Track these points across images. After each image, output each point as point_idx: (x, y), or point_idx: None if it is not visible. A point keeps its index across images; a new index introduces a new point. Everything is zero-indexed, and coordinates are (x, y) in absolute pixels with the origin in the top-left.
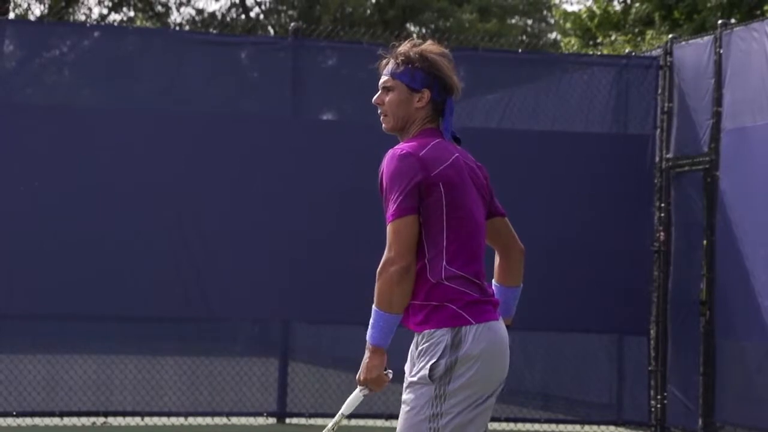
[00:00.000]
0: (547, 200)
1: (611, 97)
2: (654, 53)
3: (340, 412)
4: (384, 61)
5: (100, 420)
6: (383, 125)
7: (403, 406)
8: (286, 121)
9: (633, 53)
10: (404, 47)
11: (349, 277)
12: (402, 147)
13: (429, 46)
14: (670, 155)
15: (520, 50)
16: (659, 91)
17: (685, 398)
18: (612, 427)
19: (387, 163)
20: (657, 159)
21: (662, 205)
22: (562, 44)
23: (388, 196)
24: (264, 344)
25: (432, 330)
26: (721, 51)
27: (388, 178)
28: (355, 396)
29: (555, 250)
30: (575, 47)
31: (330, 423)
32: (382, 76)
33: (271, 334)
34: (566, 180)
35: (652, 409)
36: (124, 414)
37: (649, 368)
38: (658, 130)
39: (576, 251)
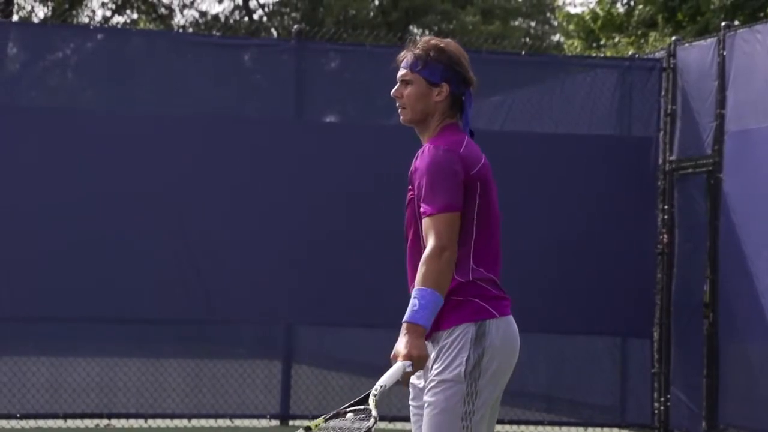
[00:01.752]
0: (551, 202)
1: (614, 99)
2: (657, 55)
3: (381, 384)
4: (402, 55)
5: (104, 422)
6: (401, 117)
7: (428, 408)
8: (289, 123)
9: (636, 55)
10: (423, 41)
11: (352, 280)
12: (440, 142)
13: (446, 41)
14: (673, 157)
15: (523, 52)
16: (662, 93)
17: (688, 400)
18: (615, 430)
19: (428, 156)
20: (660, 161)
21: (665, 207)
22: (565, 46)
23: (432, 188)
24: (267, 346)
25: (455, 326)
26: (725, 53)
27: (432, 170)
28: (398, 368)
29: (558, 252)
30: (578, 49)
31: (370, 395)
32: (401, 69)
33: (274, 336)
34: (569, 182)
35: (656, 412)
36: (127, 416)
37: (653, 370)
38: (662, 133)
39: (579, 253)
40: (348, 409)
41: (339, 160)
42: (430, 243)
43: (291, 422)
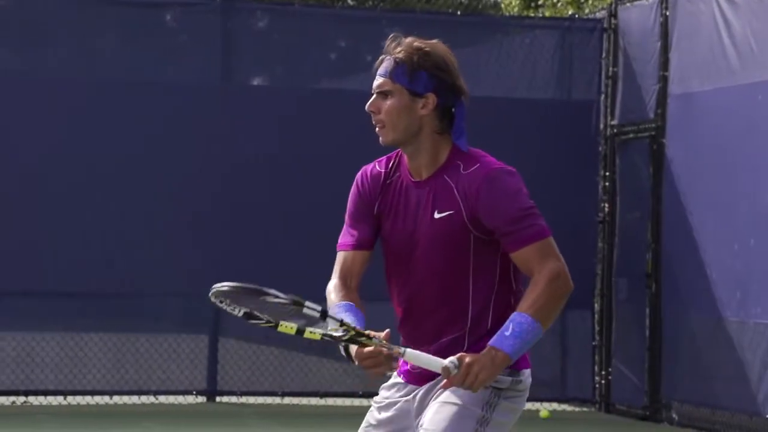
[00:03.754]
0: None
1: (554, 62)
2: (598, 15)
3: (406, 350)
4: (379, 61)
5: (20, 399)
6: (381, 138)
7: (447, 405)
8: (215, 87)
9: (576, 15)
10: (404, 44)
11: (276, 247)
12: (497, 163)
13: (431, 42)
14: (615, 122)
15: (458, 12)
16: (604, 54)
17: (631, 374)
18: (555, 404)
19: (502, 181)
20: (602, 126)
21: (607, 173)
22: (502, 6)
23: (525, 212)
24: (193, 320)
25: (520, 370)
26: (668, 13)
27: (517, 196)
28: (437, 362)
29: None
30: (516, 9)
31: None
32: (377, 78)
33: (200, 309)
34: (507, 148)
35: (597, 386)
36: (45, 393)
37: (593, 343)
38: (603, 96)
39: None
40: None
41: (266, 125)
42: (552, 265)
43: (218, 398)
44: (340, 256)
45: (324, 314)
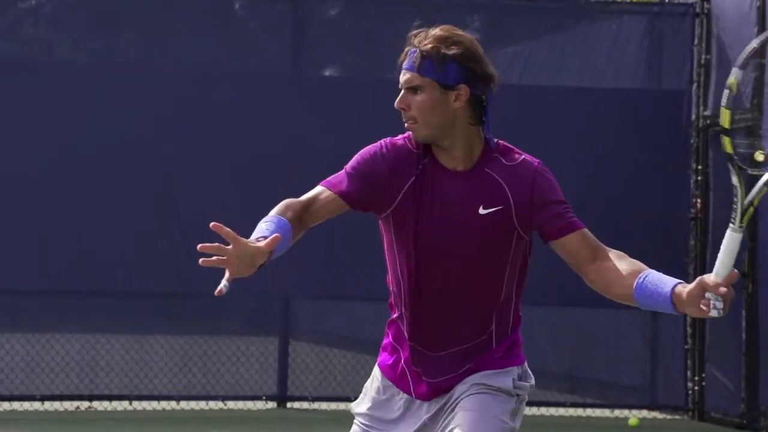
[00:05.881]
0: (572, 164)
1: (643, 49)
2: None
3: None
4: (403, 54)
5: (85, 404)
6: (413, 134)
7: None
8: (284, 77)
9: (666, 0)
10: (430, 36)
11: (354, 250)
12: (533, 158)
13: (456, 32)
14: (707, 112)
15: None
16: (696, 41)
17: (725, 380)
18: (645, 412)
19: (549, 174)
20: (693, 117)
21: (699, 167)
22: None
23: (565, 206)
24: (262, 322)
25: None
26: None
27: (557, 190)
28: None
29: (580, 219)
30: None
31: None
32: (404, 72)
33: (271, 310)
34: (593, 141)
35: (689, 392)
36: (110, 398)
37: (686, 347)
38: (695, 85)
39: (603, 219)
40: None
41: (339, 117)
42: (602, 247)
43: (289, 404)
44: (317, 190)
45: None
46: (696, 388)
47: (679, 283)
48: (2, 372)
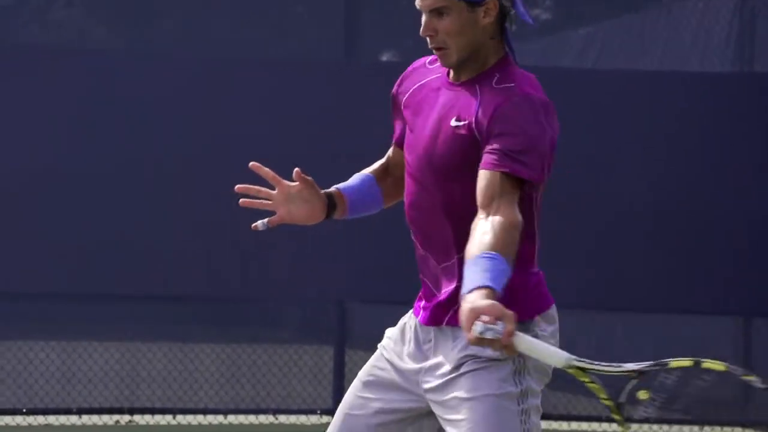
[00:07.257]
0: (653, 156)
1: (732, 29)
2: None
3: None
4: None
5: (125, 418)
6: (442, 61)
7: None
8: (339, 64)
9: None
10: None
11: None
12: (531, 90)
13: None
14: None
15: None
16: None
17: None
18: (738, 429)
19: (517, 111)
20: None
21: None
22: None
23: (513, 143)
24: (316, 329)
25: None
26: None
27: (518, 126)
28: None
29: (663, 216)
30: None
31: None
32: None
33: (325, 317)
34: (677, 131)
35: None
36: (152, 411)
37: None
38: None
39: (689, 217)
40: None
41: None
42: (497, 207)
43: None
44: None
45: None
46: None
47: (477, 288)
48: (36, 383)
